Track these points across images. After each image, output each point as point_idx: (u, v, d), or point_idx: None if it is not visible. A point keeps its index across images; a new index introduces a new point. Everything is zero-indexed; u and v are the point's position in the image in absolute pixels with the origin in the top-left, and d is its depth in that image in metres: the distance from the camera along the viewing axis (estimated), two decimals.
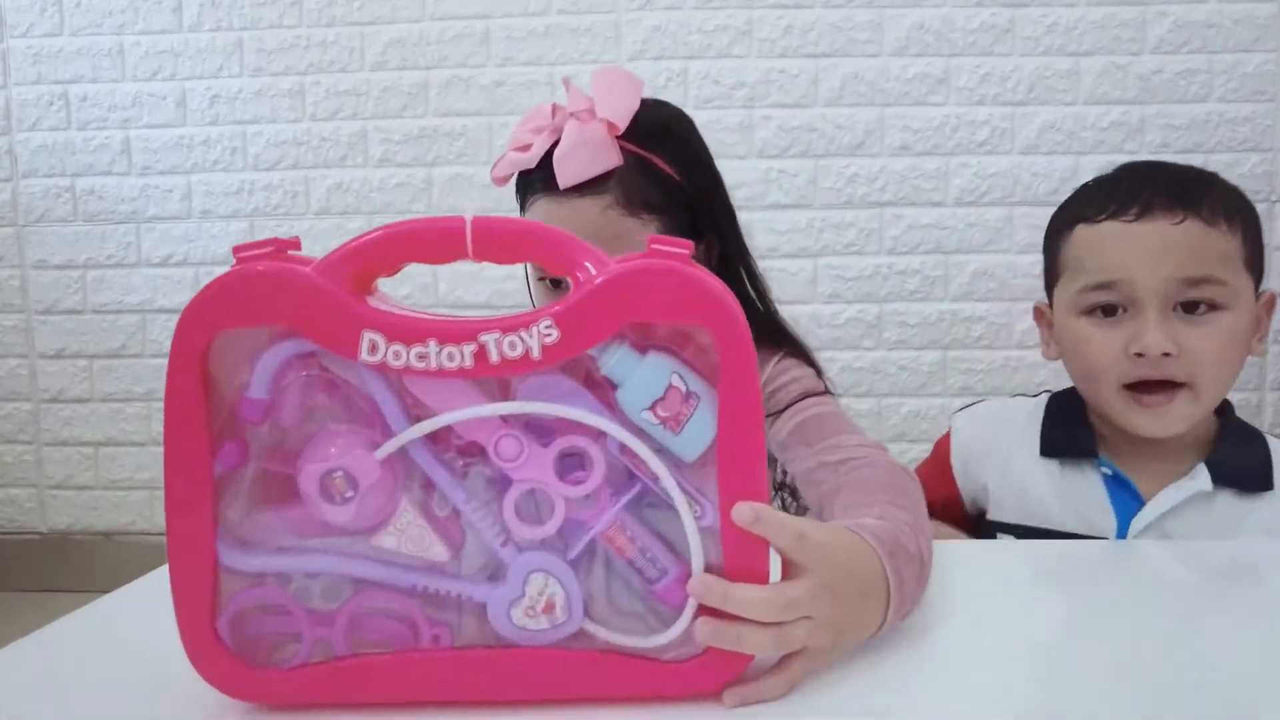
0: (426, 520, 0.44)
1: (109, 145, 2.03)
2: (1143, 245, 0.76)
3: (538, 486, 0.45)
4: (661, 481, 0.44)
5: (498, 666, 0.45)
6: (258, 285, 0.43)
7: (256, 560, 0.45)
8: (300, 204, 2.00)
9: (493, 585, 0.45)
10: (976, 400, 1.00)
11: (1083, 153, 1.88)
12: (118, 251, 2.05)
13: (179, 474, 0.44)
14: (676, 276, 0.43)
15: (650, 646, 0.46)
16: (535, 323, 0.42)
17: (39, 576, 2.08)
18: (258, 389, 0.43)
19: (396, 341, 0.42)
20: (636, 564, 0.45)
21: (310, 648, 0.45)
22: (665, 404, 0.44)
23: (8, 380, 2.08)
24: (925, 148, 1.90)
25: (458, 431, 0.44)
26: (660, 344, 0.45)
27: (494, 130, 1.95)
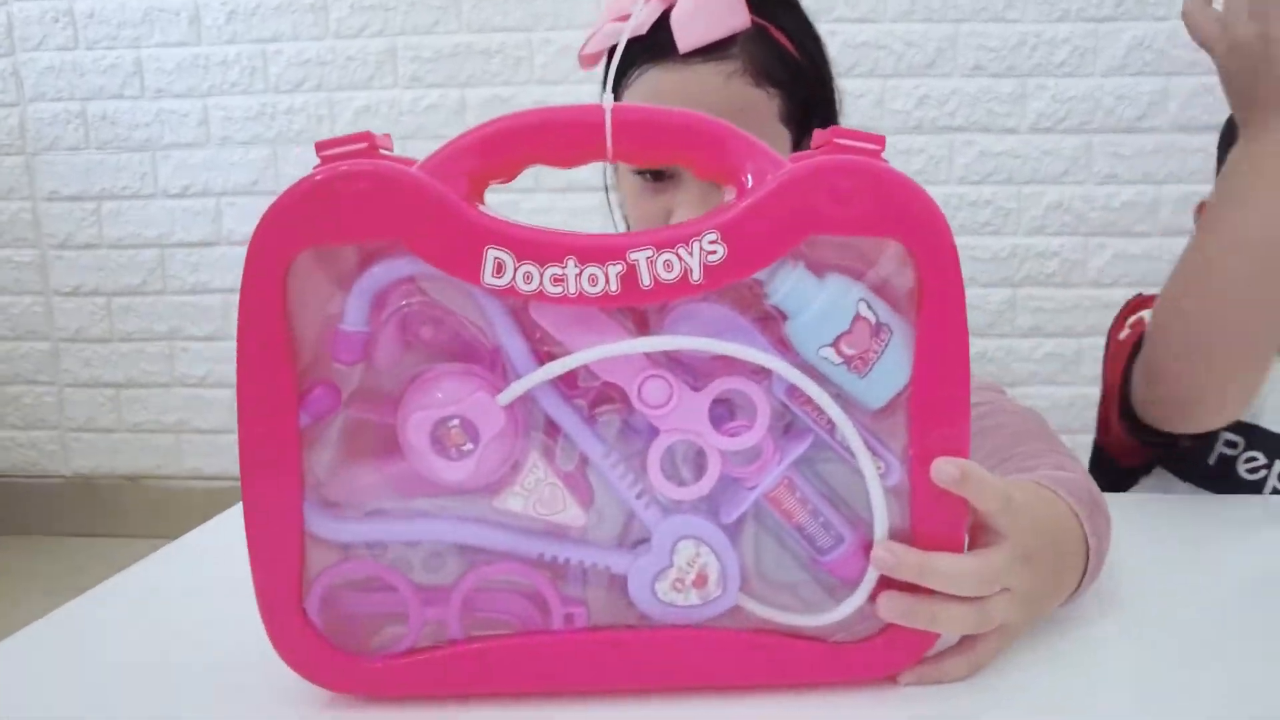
0: (558, 477, 0.38)
1: (120, 66, 1.96)
2: None
3: (689, 438, 0.38)
4: (839, 432, 0.37)
5: (641, 650, 0.38)
6: (352, 190, 0.35)
7: (351, 527, 0.38)
8: (325, 129, 1.93)
9: (634, 554, 0.38)
10: None
11: (1174, 73, 1.78)
12: (133, 182, 1.99)
13: (257, 426, 0.37)
14: (871, 176, 0.36)
15: (817, 625, 0.39)
16: (698, 237, 0.35)
17: (64, 521, 2.08)
18: (353, 320, 0.36)
19: (528, 261, 0.35)
20: (807, 530, 0.39)
21: (419, 630, 0.38)
22: (851, 338, 0.37)
23: (24, 318, 2.05)
24: (1000, 68, 1.80)
25: (593, 373, 0.37)
26: (841, 264, 0.37)
27: (534, 47, 1.87)
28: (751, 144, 0.37)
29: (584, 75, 1.89)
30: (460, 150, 0.36)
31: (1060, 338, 1.83)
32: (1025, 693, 0.40)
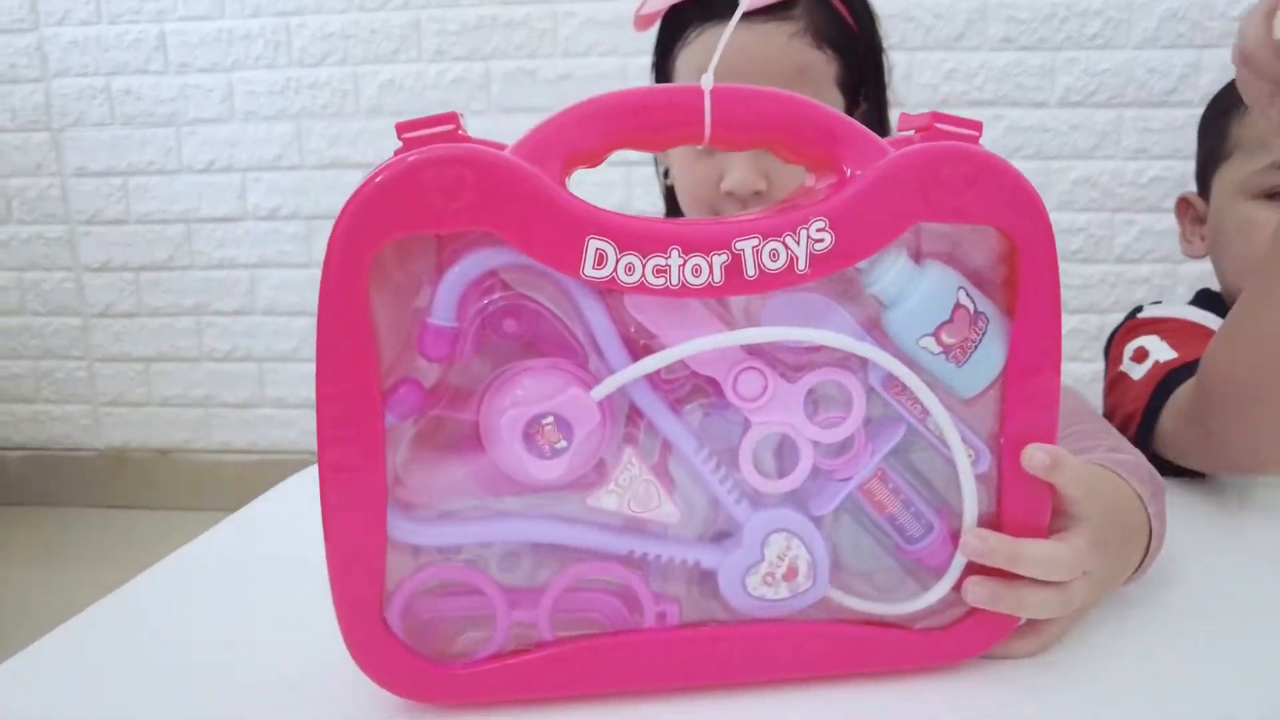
0: (648, 471, 0.36)
1: (144, 40, 1.95)
2: None
3: (784, 429, 0.36)
4: (933, 421, 0.36)
5: (734, 645, 0.37)
6: (443, 177, 0.34)
7: (433, 530, 0.37)
8: (350, 103, 1.93)
9: (722, 549, 0.37)
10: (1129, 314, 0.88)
11: (1207, 45, 1.75)
12: (159, 157, 1.99)
13: (339, 426, 0.35)
14: (978, 164, 0.34)
15: (904, 613, 0.38)
16: (805, 224, 0.33)
17: (97, 493, 2.11)
18: (443, 314, 0.35)
19: (630, 252, 0.33)
20: (898, 520, 0.38)
21: (505, 634, 0.37)
22: (951, 328, 0.35)
23: (55, 294, 2.07)
24: (1031, 41, 1.77)
25: (685, 367, 0.36)
26: (939, 252, 0.36)
27: (558, 19, 1.85)
28: (854, 128, 0.35)
29: (609, 47, 1.87)
30: (554, 133, 0.34)
31: (1084, 314, 1.81)
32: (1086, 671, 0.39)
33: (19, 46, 1.96)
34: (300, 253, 1.99)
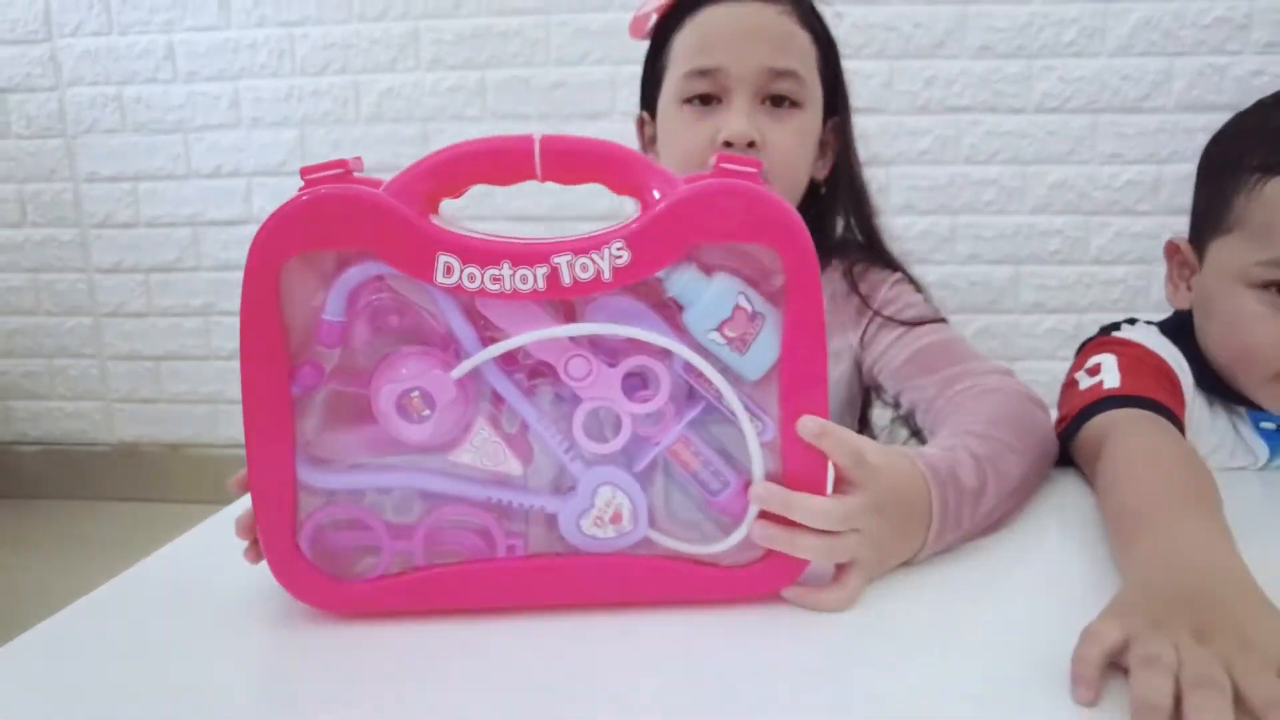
0: (500, 437, 0.48)
1: (153, 50, 2.08)
2: None
3: (605, 404, 0.48)
4: (725, 398, 0.47)
5: (568, 573, 0.49)
6: (329, 209, 0.45)
7: (334, 478, 0.49)
8: (351, 110, 2.04)
9: (563, 498, 0.49)
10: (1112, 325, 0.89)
11: (1179, 54, 1.84)
12: (167, 163, 2.12)
13: (257, 397, 0.47)
14: (746, 196, 0.45)
15: (711, 553, 0.49)
16: (607, 244, 0.45)
17: (111, 486, 2.23)
18: (333, 312, 0.47)
19: (471, 264, 0.45)
20: (700, 477, 0.49)
21: (390, 560, 0.49)
22: (732, 324, 0.46)
23: (69, 295, 2.20)
24: (1008, 49, 1.87)
25: (528, 352, 0.48)
26: (726, 265, 0.47)
27: (551, 29, 1.96)
28: (654, 168, 0.46)
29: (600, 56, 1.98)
30: (416, 175, 0.46)
31: (1062, 314, 1.91)
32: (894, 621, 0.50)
33: (33, 57, 2.10)
34: None
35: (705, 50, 0.82)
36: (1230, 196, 0.72)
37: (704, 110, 0.82)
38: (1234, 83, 1.82)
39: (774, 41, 0.82)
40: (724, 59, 0.81)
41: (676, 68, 0.85)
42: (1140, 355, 0.77)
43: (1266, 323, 0.70)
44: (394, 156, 2.02)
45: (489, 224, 0.49)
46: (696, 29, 0.83)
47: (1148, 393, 0.71)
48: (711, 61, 0.81)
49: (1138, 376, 0.73)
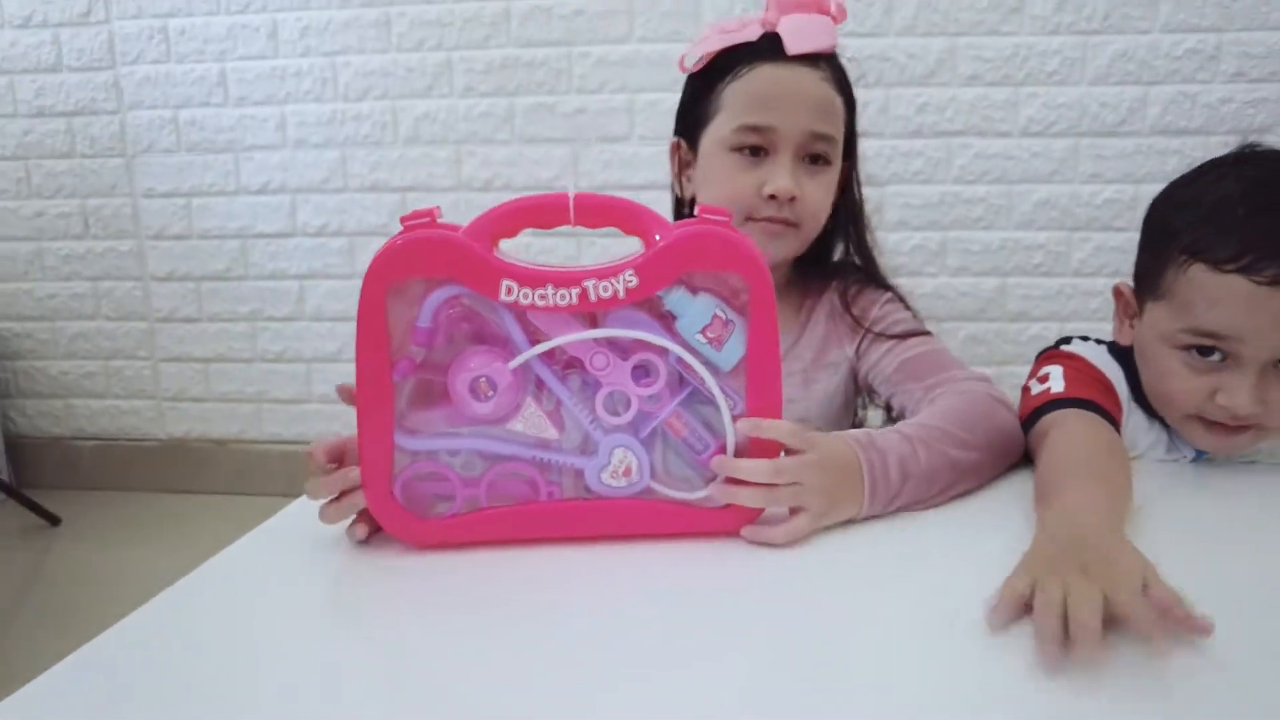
0: (543, 411, 0.67)
1: (207, 77, 2.26)
2: (1268, 314, 0.76)
3: (619, 388, 0.67)
4: (707, 384, 0.66)
5: (592, 513, 0.68)
6: (423, 248, 0.64)
7: (420, 442, 0.68)
8: (389, 134, 2.22)
9: (587, 457, 0.68)
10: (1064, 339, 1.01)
11: (1153, 83, 1.98)
12: (219, 180, 2.30)
13: (368, 383, 0.66)
14: (721, 238, 0.64)
15: (695, 498, 0.68)
16: (622, 272, 0.63)
17: (160, 479, 2.41)
18: (424, 320, 0.66)
19: (525, 286, 0.64)
20: (688, 441, 0.67)
21: (460, 503, 0.68)
22: (711, 329, 0.65)
23: (125, 301, 2.38)
24: (995, 78, 2.01)
25: (563, 350, 0.66)
26: (707, 286, 0.66)
27: (572, 60, 2.12)
28: (655, 217, 0.65)
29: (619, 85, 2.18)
30: (484, 222, 0.65)
31: (1045, 322, 2.07)
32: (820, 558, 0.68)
33: (98, 83, 2.27)
34: (344, 265, 2.27)
35: (759, 109, 0.93)
36: (1163, 267, 0.81)
37: (752, 160, 0.94)
38: (1204, 109, 1.98)
39: (818, 107, 0.94)
40: (775, 119, 0.93)
41: (729, 116, 0.95)
42: (1082, 367, 0.89)
43: (1184, 379, 0.81)
44: (428, 177, 2.21)
45: (511, 241, 0.66)
46: (751, 85, 0.94)
47: (1087, 396, 0.85)
48: (764, 120, 0.93)
49: (1079, 384, 0.86)
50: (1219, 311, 0.77)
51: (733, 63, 0.95)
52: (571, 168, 2.17)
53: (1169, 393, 0.83)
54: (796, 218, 0.95)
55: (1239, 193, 0.79)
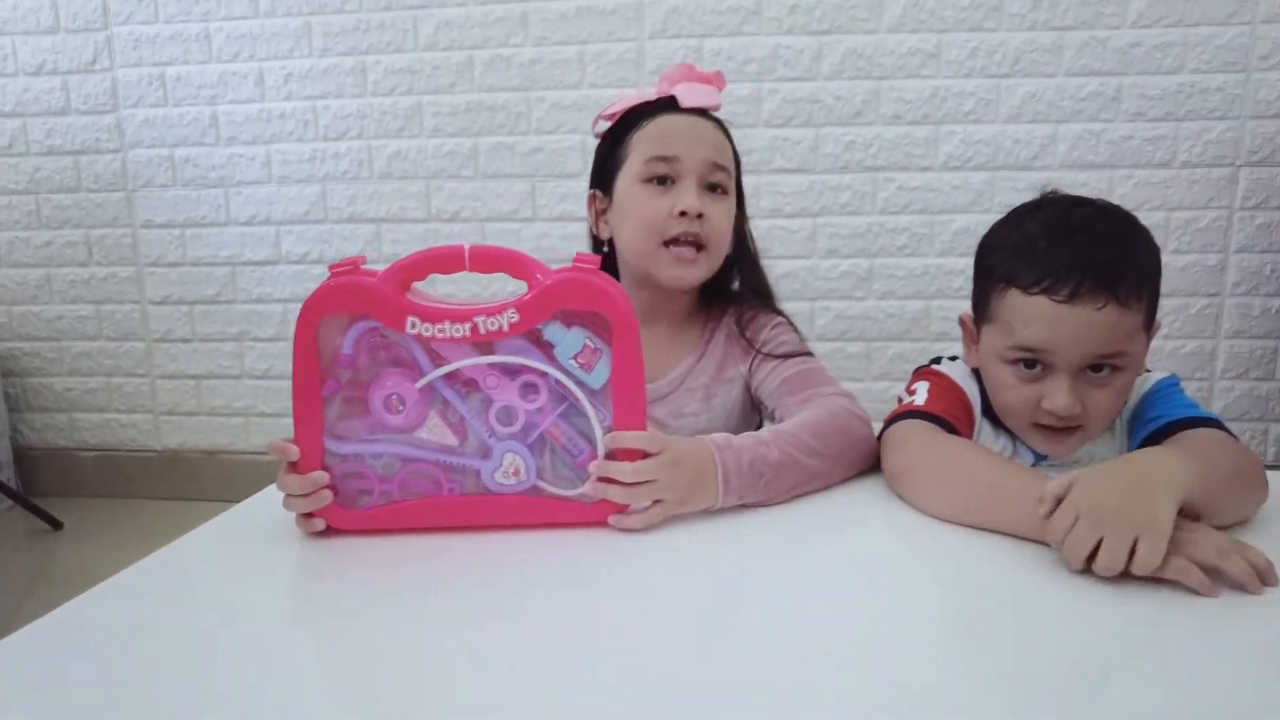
0: (444, 423, 0.79)
1: (200, 120, 2.37)
2: (1069, 326, 0.86)
3: (508, 403, 0.79)
4: (581, 401, 0.78)
5: (487, 506, 0.80)
6: (346, 290, 0.77)
7: (346, 447, 0.80)
8: (365, 170, 2.33)
9: (484, 460, 0.79)
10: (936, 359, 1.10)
11: (1061, 121, 2.11)
12: (211, 212, 2.41)
13: (302, 398, 0.78)
14: (588, 282, 0.76)
15: (574, 494, 0.80)
16: (506, 310, 0.76)
17: (156, 487, 2.51)
18: (347, 348, 0.78)
19: (426, 321, 0.76)
20: (566, 447, 0.79)
21: (378, 497, 0.80)
22: (582, 355, 0.77)
23: (125, 323, 2.49)
24: (916, 117, 2.14)
25: (462, 372, 0.78)
26: (578, 320, 0.78)
27: (531, 104, 2.25)
28: (536, 264, 0.77)
29: (572, 127, 2.31)
30: (395, 269, 0.77)
31: None
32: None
33: (102, 125, 2.39)
34: None
35: (665, 143, 1.05)
36: (988, 295, 0.92)
37: (661, 189, 1.04)
38: (1108, 145, 2.11)
39: (714, 144, 1.07)
40: (679, 150, 1.04)
41: (639, 155, 1.05)
42: (946, 385, 0.99)
43: (1015, 389, 0.91)
44: (400, 209, 2.33)
45: None
46: (657, 128, 1.05)
47: (942, 411, 0.94)
48: (670, 151, 1.04)
49: (939, 399, 0.96)
50: (1031, 328, 0.87)
51: (637, 118, 1.08)
52: (530, 201, 2.29)
53: (1006, 403, 0.93)
54: (705, 235, 1.05)
55: (1039, 231, 0.90)
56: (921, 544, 0.79)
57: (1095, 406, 0.89)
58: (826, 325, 2.24)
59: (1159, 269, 0.91)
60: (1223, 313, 2.16)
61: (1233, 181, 2.10)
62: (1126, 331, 0.86)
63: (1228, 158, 2.09)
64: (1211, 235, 2.14)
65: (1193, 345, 2.18)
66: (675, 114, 1.07)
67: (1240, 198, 2.10)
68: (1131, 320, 0.86)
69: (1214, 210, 2.12)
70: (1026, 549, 0.75)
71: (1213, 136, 2.08)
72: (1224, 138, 2.08)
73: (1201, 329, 2.17)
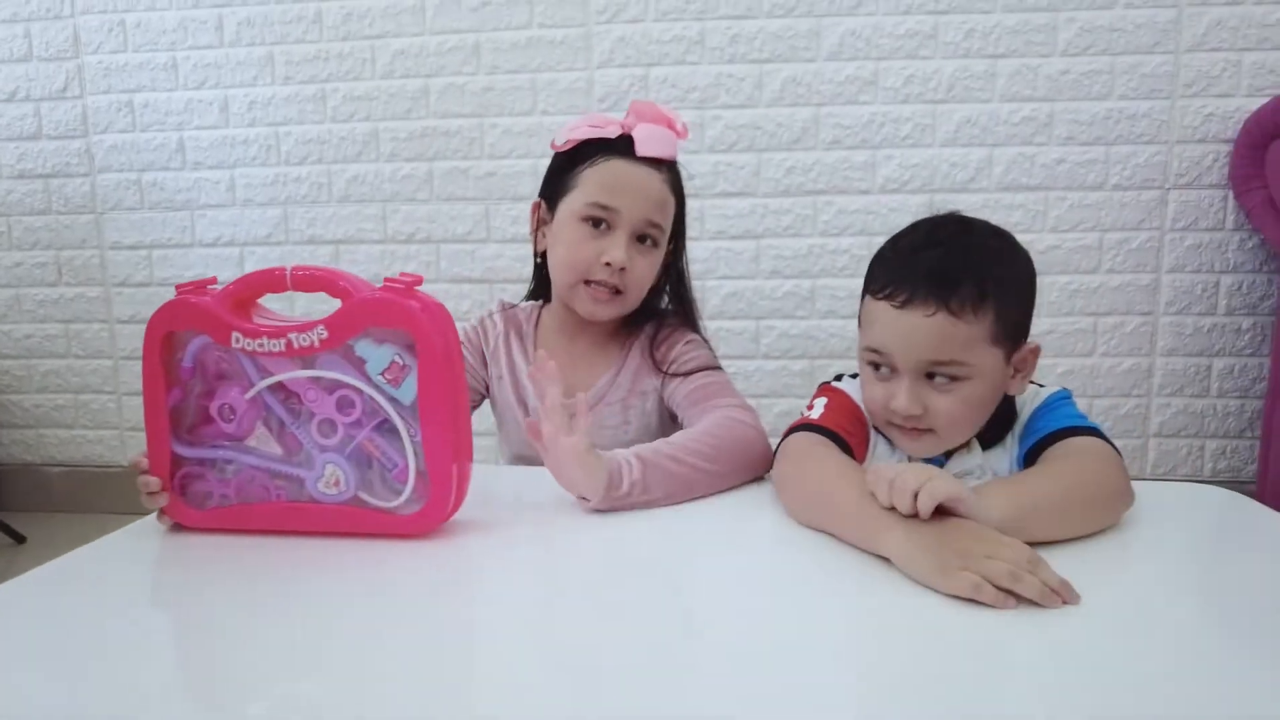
0: (271, 433, 0.86)
1: (167, 145, 2.46)
2: (901, 329, 0.92)
3: (327, 416, 0.85)
4: (392, 415, 0.85)
5: (310, 513, 0.86)
6: (182, 308, 0.84)
7: (191, 451, 0.87)
8: (325, 193, 2.41)
9: (306, 469, 0.86)
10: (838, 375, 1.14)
11: (996, 145, 2.17)
12: (177, 234, 2.49)
13: (150, 405, 0.85)
14: (398, 302, 0.83)
15: (390, 505, 0.86)
16: (315, 327, 0.82)
17: (121, 502, 2.51)
18: (188, 361, 0.85)
19: (248, 338, 0.83)
20: (382, 460, 0.86)
21: (218, 499, 0.87)
22: (390, 371, 0.84)
23: (93, 341, 2.57)
24: (855, 142, 2.20)
25: (286, 385, 0.85)
26: (387, 337, 0.84)
27: (484, 129, 2.32)
28: (357, 285, 0.84)
29: (524, 152, 2.39)
30: (227, 291, 0.84)
31: None
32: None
33: (72, 150, 2.47)
34: (285, 311, 2.48)
35: (608, 192, 1.10)
36: (864, 302, 0.99)
37: (595, 232, 1.11)
38: (1042, 168, 2.17)
39: (654, 200, 1.12)
40: (619, 203, 1.10)
41: (583, 193, 1.11)
42: (841, 400, 1.04)
43: (872, 389, 0.98)
44: (358, 231, 2.41)
45: (433, 285, 0.84)
46: (606, 172, 1.10)
47: (834, 425, 0.99)
48: (610, 202, 1.10)
49: (833, 414, 1.01)
50: (874, 330, 0.95)
51: (593, 151, 1.12)
52: (484, 223, 2.37)
53: (868, 402, 0.99)
54: (624, 286, 1.14)
55: (905, 244, 0.98)
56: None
57: (938, 412, 0.93)
58: (771, 344, 2.30)
59: (1020, 290, 0.95)
60: (1157, 331, 2.20)
61: (1162, 204, 2.14)
62: (960, 341, 0.90)
63: (1156, 181, 2.13)
64: (1144, 256, 2.18)
65: (1129, 363, 2.22)
66: (628, 161, 1.11)
67: (1170, 219, 2.15)
68: (966, 331, 0.90)
69: (1145, 231, 2.17)
70: None
71: (1141, 160, 2.13)
72: (1152, 161, 2.13)
73: (1138, 346, 2.21)
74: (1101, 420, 2.20)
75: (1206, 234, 2.15)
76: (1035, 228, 2.18)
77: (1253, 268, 2.17)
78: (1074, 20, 2.12)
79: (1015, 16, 2.13)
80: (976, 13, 2.14)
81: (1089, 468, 0.89)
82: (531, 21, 2.28)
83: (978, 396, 0.94)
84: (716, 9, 2.21)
